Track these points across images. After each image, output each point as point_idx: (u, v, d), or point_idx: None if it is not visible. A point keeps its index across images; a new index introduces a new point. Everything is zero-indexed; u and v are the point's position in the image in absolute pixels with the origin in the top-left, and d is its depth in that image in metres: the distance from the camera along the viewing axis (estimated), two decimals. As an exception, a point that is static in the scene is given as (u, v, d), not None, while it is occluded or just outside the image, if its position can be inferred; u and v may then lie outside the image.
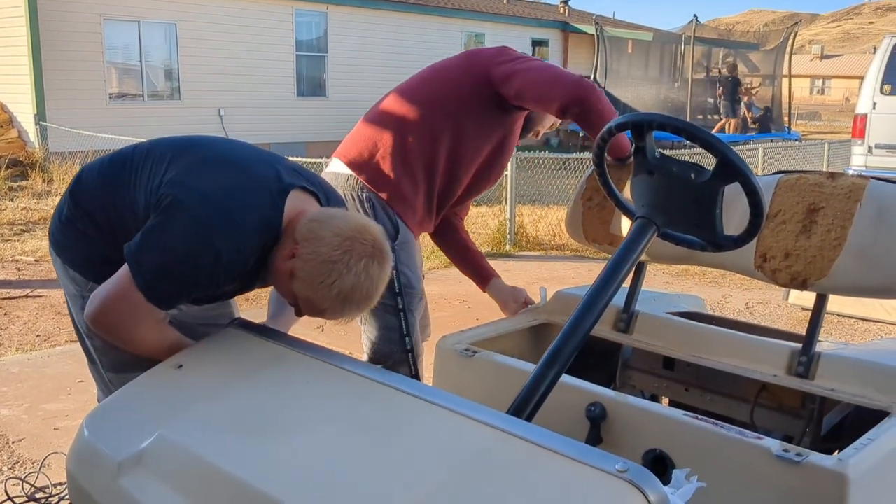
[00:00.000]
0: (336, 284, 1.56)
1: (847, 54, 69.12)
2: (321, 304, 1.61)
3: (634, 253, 1.60)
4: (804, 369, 1.84)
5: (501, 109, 2.34)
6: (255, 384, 1.49)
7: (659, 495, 1.05)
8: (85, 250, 1.83)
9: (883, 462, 1.51)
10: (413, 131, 2.31)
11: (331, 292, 1.57)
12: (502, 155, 2.48)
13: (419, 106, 2.33)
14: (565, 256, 7.45)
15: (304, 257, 1.58)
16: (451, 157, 2.35)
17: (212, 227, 1.59)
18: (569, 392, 1.77)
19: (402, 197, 2.33)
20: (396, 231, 2.33)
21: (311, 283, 1.58)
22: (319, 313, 1.64)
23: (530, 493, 1.08)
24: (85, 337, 1.93)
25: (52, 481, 2.77)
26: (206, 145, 1.80)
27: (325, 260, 1.56)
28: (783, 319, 5.34)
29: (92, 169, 1.87)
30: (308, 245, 1.58)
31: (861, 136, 8.88)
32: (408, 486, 1.12)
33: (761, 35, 21.15)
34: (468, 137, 2.34)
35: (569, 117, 2.25)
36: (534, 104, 2.30)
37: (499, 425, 1.21)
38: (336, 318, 1.66)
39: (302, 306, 1.66)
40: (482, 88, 2.29)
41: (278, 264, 1.65)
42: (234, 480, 1.23)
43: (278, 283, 1.69)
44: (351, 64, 16.08)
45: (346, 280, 1.56)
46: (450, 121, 2.30)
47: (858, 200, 1.82)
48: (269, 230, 1.65)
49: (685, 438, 1.61)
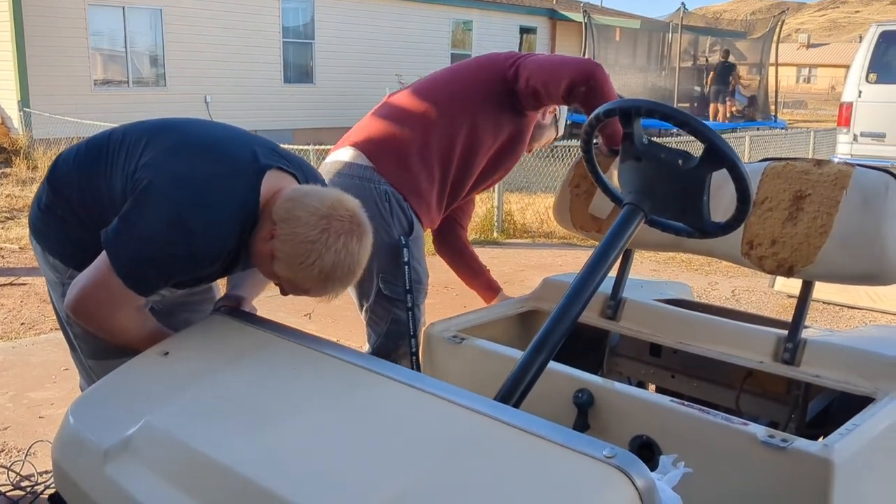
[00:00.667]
0: (316, 264, 1.55)
1: (833, 43, 69.34)
2: (304, 284, 1.60)
3: (622, 240, 1.60)
4: (790, 356, 1.85)
5: (513, 110, 2.40)
6: (241, 371, 1.49)
7: (646, 481, 1.06)
8: (64, 237, 1.82)
9: (867, 447, 1.52)
10: (432, 126, 2.34)
11: (312, 272, 1.56)
12: (510, 154, 2.52)
13: (438, 103, 2.37)
14: (553, 244, 7.46)
15: (282, 238, 1.57)
16: (466, 153, 2.39)
17: (188, 211, 1.58)
18: (556, 379, 1.77)
19: (419, 191, 2.35)
20: (411, 226, 2.34)
21: (292, 264, 1.57)
22: (303, 292, 1.64)
23: (517, 480, 1.08)
24: (65, 325, 1.92)
25: (38, 469, 2.76)
26: (181, 128, 1.78)
27: (304, 240, 1.55)
28: (769, 306, 5.37)
29: (68, 156, 1.85)
30: (285, 226, 1.57)
31: (846, 125, 8.92)
32: (394, 472, 1.12)
33: (748, 23, 21.18)
34: (482, 133, 2.38)
35: (575, 101, 2.26)
36: (543, 87, 2.31)
37: (486, 412, 1.21)
38: (320, 296, 1.64)
39: (285, 286, 1.65)
40: (497, 86, 2.37)
41: (258, 246, 1.64)
42: (220, 468, 1.22)
43: (259, 264, 1.68)
44: (338, 51, 15.99)
45: (327, 259, 1.55)
46: (467, 117, 2.35)
47: (844, 188, 1.83)
48: (246, 212, 1.64)
49: (672, 425, 1.61)
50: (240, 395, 1.42)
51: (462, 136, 2.35)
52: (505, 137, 2.44)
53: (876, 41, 8.67)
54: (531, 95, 2.34)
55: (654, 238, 1.91)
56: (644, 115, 1.58)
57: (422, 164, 2.34)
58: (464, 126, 2.35)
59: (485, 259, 2.71)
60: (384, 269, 2.33)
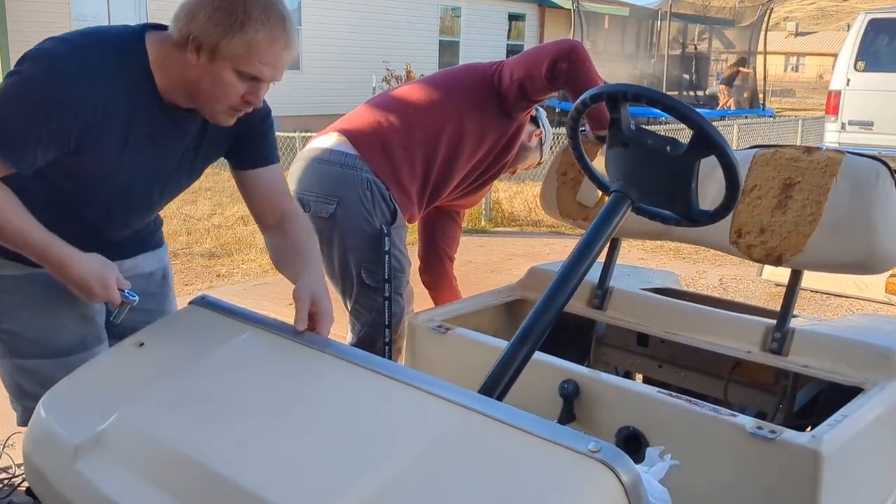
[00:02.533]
0: (244, 8, 1.49)
1: (821, 31, 69.49)
2: (258, 37, 1.51)
3: (609, 228, 1.58)
4: (778, 346, 1.84)
5: (501, 115, 2.43)
6: (218, 363, 1.45)
7: (631, 475, 1.03)
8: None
9: (855, 438, 1.51)
10: (419, 123, 2.36)
11: (249, 15, 1.49)
12: (493, 164, 2.54)
13: (428, 102, 2.40)
14: (541, 232, 7.45)
15: (202, 32, 1.50)
16: (450, 152, 2.40)
17: (58, 60, 1.51)
18: (542, 369, 1.75)
19: (400, 183, 2.34)
20: (394, 215, 2.34)
21: (230, 32, 1.49)
22: (272, 56, 1.54)
23: (500, 475, 1.05)
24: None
25: (16, 461, 2.71)
26: None
27: (216, 9, 1.49)
28: (757, 295, 5.37)
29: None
30: (192, 23, 1.51)
31: (835, 113, 8.92)
32: (372, 467, 1.09)
33: (737, 11, 21.15)
34: (468, 134, 2.40)
35: (559, 81, 2.27)
36: (527, 76, 2.32)
37: (468, 404, 1.18)
38: (280, 41, 1.54)
39: (263, 71, 1.55)
40: (484, 90, 2.40)
41: (200, 68, 1.55)
42: (195, 463, 1.19)
43: (221, 89, 1.58)
44: (326, 38, 15.87)
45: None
46: (454, 117, 2.37)
47: (834, 175, 1.80)
48: (127, 58, 1.56)
49: (659, 416, 1.59)
50: (217, 388, 1.38)
51: (447, 133, 2.37)
52: (490, 143, 2.46)
53: (864, 29, 8.67)
54: (518, 90, 2.35)
55: (642, 226, 1.88)
56: (631, 99, 1.54)
57: (404, 155, 2.34)
58: (450, 125, 2.37)
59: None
60: (366, 259, 2.31)
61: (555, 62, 2.24)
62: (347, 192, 2.27)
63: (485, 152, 2.47)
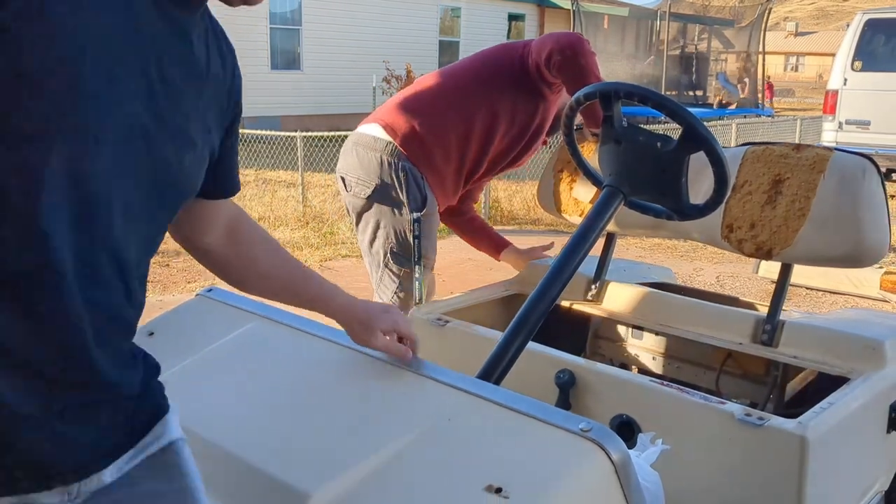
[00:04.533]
0: None
1: (821, 31, 69.47)
2: None
3: (601, 221, 1.63)
4: (768, 337, 1.89)
5: (531, 93, 2.48)
6: (225, 352, 1.50)
7: (621, 454, 1.08)
8: None
9: (840, 425, 1.55)
10: (452, 105, 2.45)
11: None
12: (528, 140, 2.59)
13: (460, 84, 2.49)
14: (540, 230, 7.49)
15: None
16: (484, 134, 2.47)
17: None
18: (538, 359, 1.79)
19: (434, 167, 2.44)
20: (424, 201, 2.43)
21: None
22: None
23: (493, 453, 1.10)
24: None
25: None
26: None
27: None
28: (753, 292, 5.41)
29: None
30: None
31: (832, 112, 8.97)
32: (374, 447, 1.14)
33: (736, 11, 21.20)
34: (501, 116, 2.47)
35: (552, 70, 2.35)
36: (537, 54, 2.41)
37: (464, 387, 1.23)
38: None
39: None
40: (514, 69, 2.45)
41: None
42: (205, 446, 1.24)
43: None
44: (326, 37, 15.89)
45: None
46: (487, 99, 2.45)
47: (822, 171, 1.85)
48: None
49: (651, 404, 1.64)
50: (224, 376, 1.43)
51: (481, 116, 2.44)
52: (522, 120, 2.52)
53: (861, 29, 8.72)
54: (536, 71, 2.43)
55: (637, 221, 1.93)
56: (623, 97, 1.60)
57: (438, 139, 2.43)
58: (482, 107, 2.44)
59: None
60: (394, 242, 2.44)
61: (551, 53, 2.32)
62: (382, 179, 2.40)
63: (519, 129, 2.54)
